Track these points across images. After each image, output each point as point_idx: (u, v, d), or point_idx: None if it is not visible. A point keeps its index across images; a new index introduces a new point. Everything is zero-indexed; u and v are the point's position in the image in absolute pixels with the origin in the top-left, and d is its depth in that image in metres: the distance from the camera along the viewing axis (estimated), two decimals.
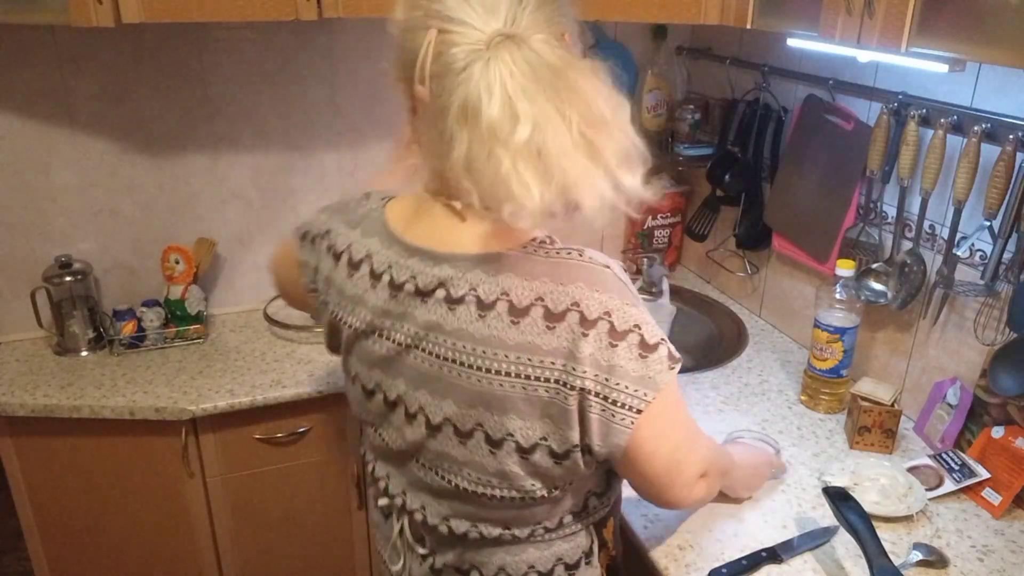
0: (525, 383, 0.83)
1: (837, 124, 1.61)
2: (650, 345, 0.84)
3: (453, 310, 0.85)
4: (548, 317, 0.82)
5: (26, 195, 1.80)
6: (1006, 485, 1.26)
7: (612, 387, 0.82)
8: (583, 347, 0.81)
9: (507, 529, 0.95)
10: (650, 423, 0.85)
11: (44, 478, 1.69)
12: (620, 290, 0.84)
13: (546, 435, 0.85)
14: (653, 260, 2.07)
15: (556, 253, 0.86)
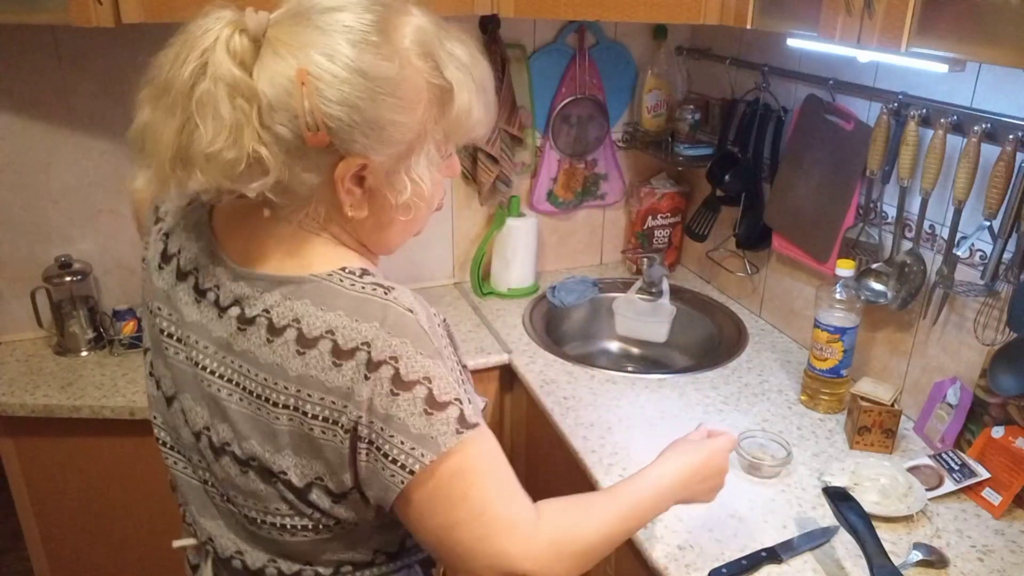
0: (302, 419, 0.77)
1: (837, 124, 1.61)
2: (438, 403, 0.76)
3: (243, 331, 0.80)
4: (336, 353, 0.75)
5: (26, 195, 1.80)
6: (1006, 485, 1.26)
7: (386, 439, 0.75)
8: (362, 390, 0.74)
9: (309, 565, 0.87)
10: (423, 488, 0.77)
11: (44, 478, 1.69)
12: (417, 337, 0.76)
13: (321, 475, 0.80)
14: (653, 260, 2.07)
15: (363, 288, 0.79)
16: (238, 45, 0.73)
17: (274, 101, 0.72)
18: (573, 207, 2.23)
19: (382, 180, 0.79)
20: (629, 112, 2.20)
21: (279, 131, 0.73)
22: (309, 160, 0.75)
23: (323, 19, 0.74)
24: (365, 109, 0.74)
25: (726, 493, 1.30)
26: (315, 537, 0.85)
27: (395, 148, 0.78)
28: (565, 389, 1.63)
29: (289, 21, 0.75)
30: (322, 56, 0.72)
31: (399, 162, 0.79)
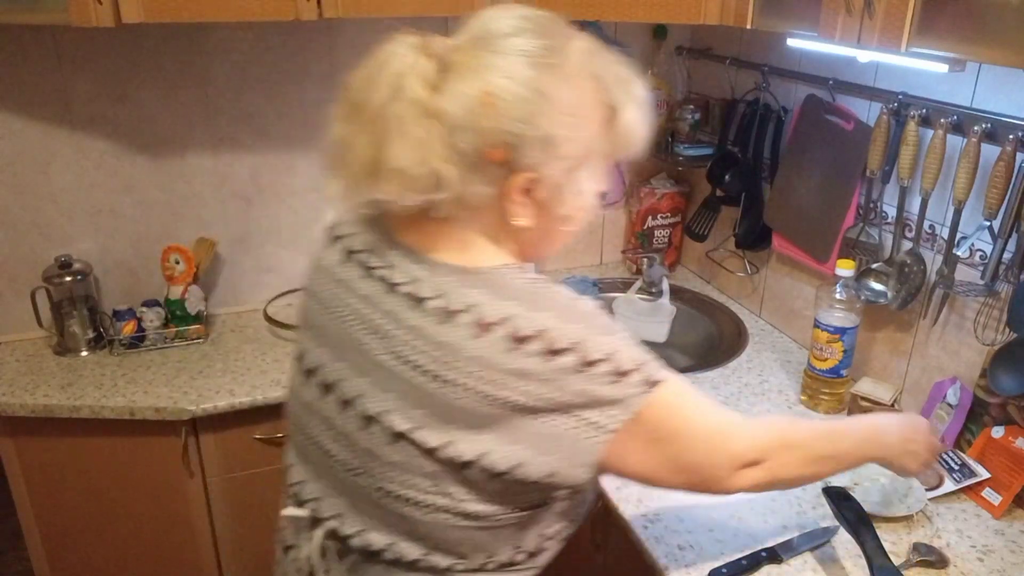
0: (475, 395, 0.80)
1: (837, 124, 1.61)
2: (621, 372, 0.82)
3: (415, 308, 0.83)
4: (513, 339, 0.79)
5: (26, 195, 1.80)
6: (1006, 485, 1.26)
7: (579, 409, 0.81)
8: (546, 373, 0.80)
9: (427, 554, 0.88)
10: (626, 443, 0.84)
11: (44, 478, 1.69)
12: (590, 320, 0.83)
13: (488, 451, 0.82)
14: (653, 260, 2.07)
15: (531, 281, 0.85)
16: (427, 70, 0.80)
17: (459, 120, 0.79)
18: None
19: (550, 193, 0.85)
20: None
21: (461, 148, 0.79)
22: (485, 174, 0.81)
23: (502, 44, 0.81)
24: (541, 126, 0.80)
25: None
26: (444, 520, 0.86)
27: (565, 163, 0.83)
28: None
29: (470, 46, 0.82)
30: (504, 78, 0.79)
31: (567, 176, 0.84)
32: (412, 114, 0.79)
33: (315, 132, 1.96)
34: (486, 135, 0.79)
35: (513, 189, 0.83)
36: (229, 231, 1.99)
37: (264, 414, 1.69)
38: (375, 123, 0.80)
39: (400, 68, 0.80)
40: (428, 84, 0.79)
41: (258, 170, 1.96)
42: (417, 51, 0.81)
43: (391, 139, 0.79)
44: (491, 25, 0.84)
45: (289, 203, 2.01)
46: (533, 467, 0.83)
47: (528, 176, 0.82)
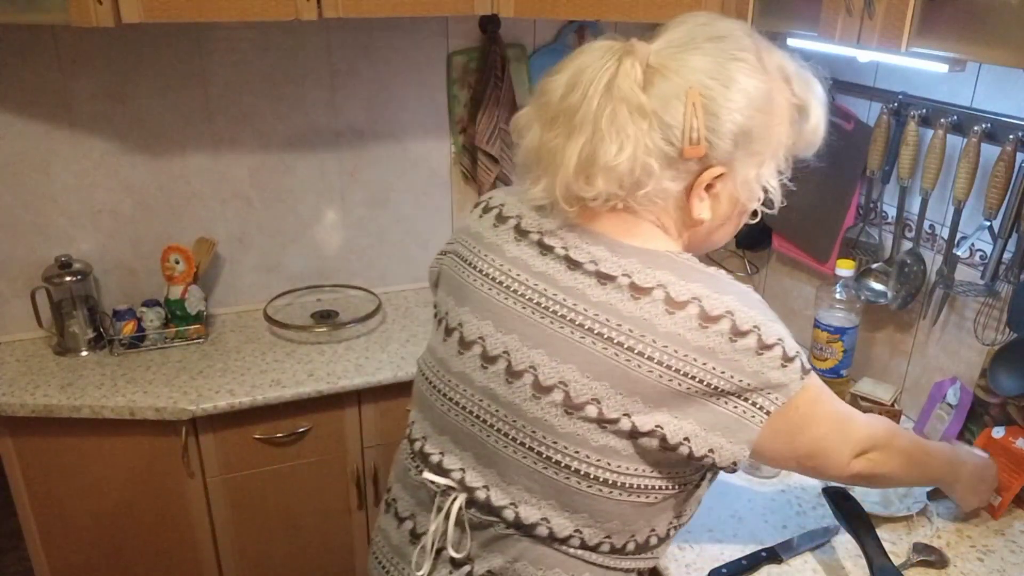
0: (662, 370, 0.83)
1: (837, 124, 1.61)
2: (788, 357, 0.86)
3: (603, 285, 0.86)
4: (703, 317, 0.84)
5: (26, 195, 1.80)
6: (1006, 486, 1.26)
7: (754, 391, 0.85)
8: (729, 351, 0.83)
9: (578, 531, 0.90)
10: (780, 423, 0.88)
11: (44, 478, 1.69)
12: (763, 308, 0.88)
13: (662, 423, 0.85)
14: None
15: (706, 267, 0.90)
16: (636, 72, 0.84)
17: (667, 119, 0.83)
18: None
19: (735, 188, 0.89)
20: None
21: (661, 144, 0.83)
22: (677, 170, 0.86)
23: (707, 46, 0.86)
24: (742, 123, 0.84)
25: (726, 493, 1.31)
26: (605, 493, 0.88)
27: (756, 159, 0.88)
28: None
29: (673, 49, 0.86)
30: (708, 78, 0.83)
31: (756, 171, 0.89)
32: (625, 113, 0.82)
33: (315, 132, 1.96)
34: (690, 133, 0.83)
35: (702, 183, 0.87)
36: (229, 231, 1.99)
37: (264, 414, 1.69)
38: (587, 125, 0.83)
39: (609, 70, 0.84)
40: (636, 83, 0.83)
41: (258, 170, 1.96)
42: (621, 55, 0.84)
43: (606, 138, 0.82)
44: (692, 30, 0.89)
45: (289, 203, 2.01)
46: (697, 442, 0.85)
47: (717, 171, 0.86)
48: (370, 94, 1.97)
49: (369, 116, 1.99)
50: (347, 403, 1.76)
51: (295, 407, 1.71)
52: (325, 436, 1.77)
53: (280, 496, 1.80)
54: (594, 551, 0.91)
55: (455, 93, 2.04)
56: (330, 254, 2.10)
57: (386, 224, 2.11)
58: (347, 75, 1.93)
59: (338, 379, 1.71)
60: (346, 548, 1.92)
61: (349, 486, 1.84)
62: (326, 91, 1.93)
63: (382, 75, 1.97)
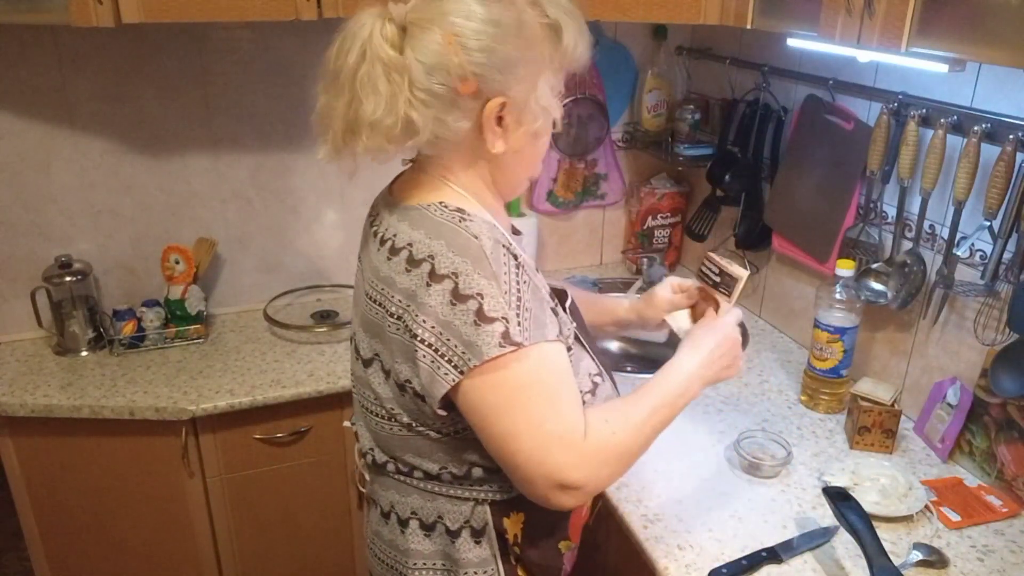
0: (380, 311, 0.97)
1: (837, 124, 1.61)
2: (487, 317, 0.88)
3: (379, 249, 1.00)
4: (408, 260, 0.93)
5: (26, 195, 1.80)
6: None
7: (443, 341, 0.90)
8: (424, 296, 0.90)
9: (391, 460, 1.07)
10: (475, 391, 0.90)
11: (44, 478, 1.69)
12: (477, 259, 0.90)
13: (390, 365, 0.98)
14: (653, 260, 2.07)
15: (440, 215, 0.95)
16: (389, 32, 0.91)
17: (430, 66, 0.89)
18: (573, 207, 2.23)
19: (519, 113, 0.96)
20: (629, 112, 2.20)
21: (436, 90, 0.90)
22: (460, 109, 0.92)
23: None
24: (499, 51, 0.91)
25: (726, 493, 1.31)
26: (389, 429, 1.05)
27: (526, 83, 0.94)
28: None
29: (425, 2, 0.92)
30: (459, 18, 0.89)
31: (529, 94, 0.95)
32: (379, 72, 0.90)
33: (314, 132, 1.96)
34: (455, 71, 0.89)
35: (487, 118, 0.94)
36: (229, 231, 1.99)
37: (264, 414, 1.69)
38: (350, 86, 0.92)
39: (365, 34, 0.91)
40: (392, 44, 0.90)
41: (258, 170, 1.96)
42: (379, 18, 0.91)
43: (364, 97, 0.91)
44: None
45: (289, 203, 2.01)
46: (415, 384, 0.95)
47: (498, 101, 0.93)
48: None
49: None
50: (347, 403, 1.76)
51: (295, 407, 1.71)
52: (325, 436, 1.77)
53: (280, 496, 1.80)
54: (436, 481, 1.05)
55: None
56: (330, 254, 2.10)
57: None
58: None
59: (338, 379, 1.71)
60: (346, 548, 1.92)
61: (349, 486, 1.84)
62: None
63: None
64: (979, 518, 1.24)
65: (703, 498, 1.29)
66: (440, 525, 1.06)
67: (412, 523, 1.07)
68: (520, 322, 0.90)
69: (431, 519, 1.06)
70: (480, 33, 0.90)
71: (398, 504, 1.08)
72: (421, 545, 1.07)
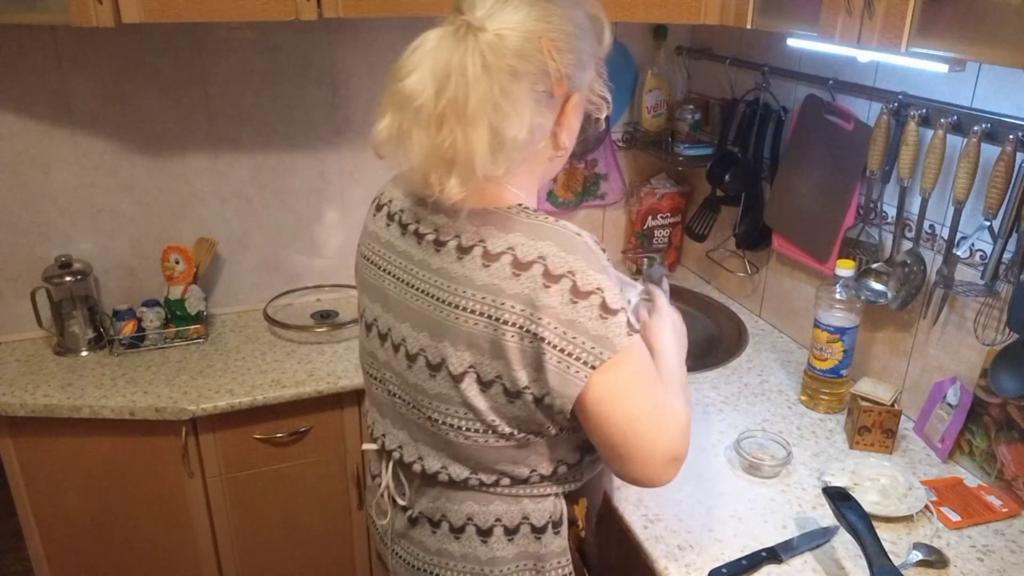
0: (488, 322, 0.92)
1: (837, 124, 1.61)
2: (611, 309, 0.90)
3: (438, 252, 0.97)
4: (515, 264, 0.91)
5: (26, 195, 1.80)
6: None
7: (570, 340, 0.90)
8: (544, 298, 0.89)
9: (474, 473, 1.03)
10: (605, 383, 0.91)
11: (44, 478, 1.69)
12: (587, 255, 0.92)
13: (500, 374, 0.94)
14: (653, 260, 2.07)
15: (533, 217, 0.95)
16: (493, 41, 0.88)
17: (535, 73, 0.90)
18: (573, 207, 2.23)
19: (581, 105, 0.99)
20: (629, 112, 2.20)
21: (541, 97, 0.92)
22: (552, 110, 0.95)
23: None
24: (580, 50, 0.94)
25: (726, 493, 1.31)
26: (483, 442, 0.99)
27: (589, 74, 0.99)
28: None
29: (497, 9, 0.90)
30: (543, 22, 0.90)
31: (591, 84, 1.00)
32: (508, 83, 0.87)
33: (315, 132, 1.96)
34: (553, 75, 0.91)
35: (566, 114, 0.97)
36: (229, 231, 1.99)
37: (264, 414, 1.69)
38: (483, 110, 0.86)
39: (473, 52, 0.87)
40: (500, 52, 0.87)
41: (258, 170, 1.96)
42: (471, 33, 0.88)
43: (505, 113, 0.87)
44: None
45: (289, 203, 2.01)
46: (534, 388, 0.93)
47: (576, 97, 0.97)
48: (370, 94, 1.97)
49: (369, 116, 1.98)
50: (347, 403, 1.76)
51: (295, 407, 1.71)
52: (325, 436, 1.77)
53: (280, 496, 1.80)
54: (524, 484, 1.04)
55: None
56: (330, 254, 2.10)
57: None
58: (347, 75, 1.93)
59: (338, 379, 1.71)
60: (346, 548, 1.92)
61: (349, 486, 1.84)
62: (326, 91, 1.93)
63: (382, 75, 1.95)
64: (979, 518, 1.24)
65: (703, 498, 1.29)
66: (525, 526, 1.06)
67: (496, 531, 1.05)
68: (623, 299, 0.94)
69: (515, 522, 1.05)
70: (567, 35, 0.92)
71: (478, 515, 1.05)
72: (505, 551, 1.06)
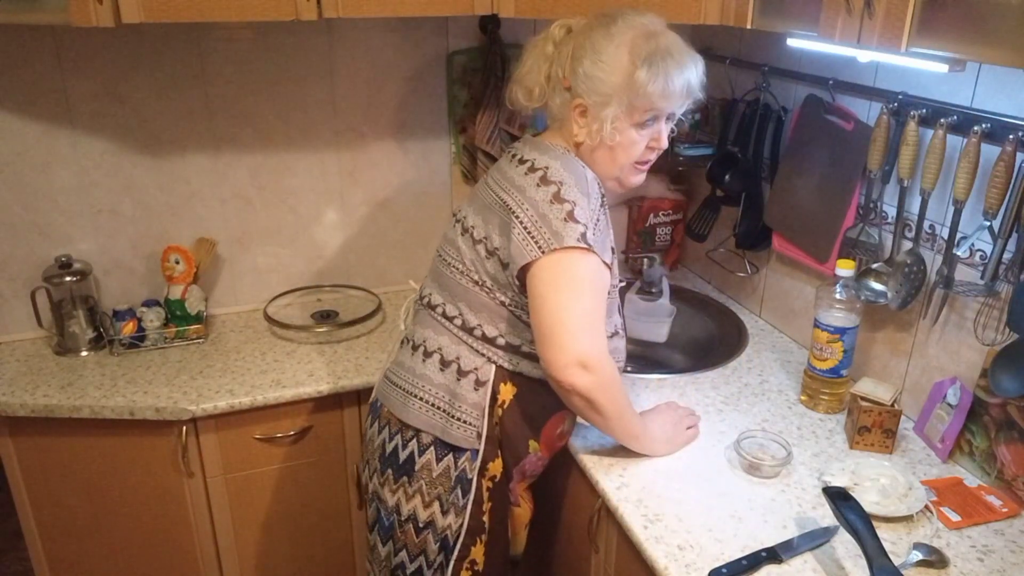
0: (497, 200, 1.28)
1: (837, 124, 1.61)
2: (575, 218, 1.19)
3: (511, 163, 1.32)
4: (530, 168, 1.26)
5: (26, 195, 1.80)
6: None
7: (535, 225, 1.20)
8: (533, 192, 1.22)
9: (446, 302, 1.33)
10: (548, 266, 1.18)
11: (44, 478, 1.69)
12: (580, 181, 1.23)
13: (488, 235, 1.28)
14: (653, 260, 2.07)
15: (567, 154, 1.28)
16: (558, 34, 1.32)
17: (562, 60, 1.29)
18: None
19: (593, 119, 1.26)
20: None
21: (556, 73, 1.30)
22: (562, 96, 1.30)
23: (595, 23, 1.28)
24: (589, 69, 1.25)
25: (726, 493, 1.31)
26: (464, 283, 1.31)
27: (601, 98, 1.25)
28: None
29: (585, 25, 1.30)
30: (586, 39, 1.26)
31: (601, 108, 1.25)
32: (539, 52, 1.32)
33: (315, 132, 1.96)
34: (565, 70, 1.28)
35: (573, 109, 1.28)
36: (229, 231, 1.99)
37: (264, 414, 1.69)
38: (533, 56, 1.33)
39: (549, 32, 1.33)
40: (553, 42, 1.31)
41: (258, 170, 1.96)
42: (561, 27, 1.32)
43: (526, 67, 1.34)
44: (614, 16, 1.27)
45: (289, 203, 2.01)
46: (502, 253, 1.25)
47: (579, 101, 1.26)
48: (370, 94, 1.97)
49: (369, 116, 1.99)
50: (347, 403, 1.76)
51: (295, 407, 1.71)
52: (325, 436, 1.77)
53: (280, 496, 1.80)
54: (469, 333, 1.31)
55: (455, 93, 2.04)
56: (330, 254, 2.10)
57: (386, 224, 2.11)
58: (347, 75, 1.93)
59: (338, 379, 1.71)
60: (346, 548, 1.92)
61: (349, 486, 1.84)
62: (326, 91, 1.93)
63: (382, 75, 1.97)
64: (979, 518, 1.24)
65: (703, 498, 1.29)
66: (455, 364, 1.31)
67: (434, 356, 1.33)
68: (594, 233, 1.21)
69: (451, 358, 1.31)
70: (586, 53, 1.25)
71: (429, 340, 1.34)
72: (435, 376, 1.32)
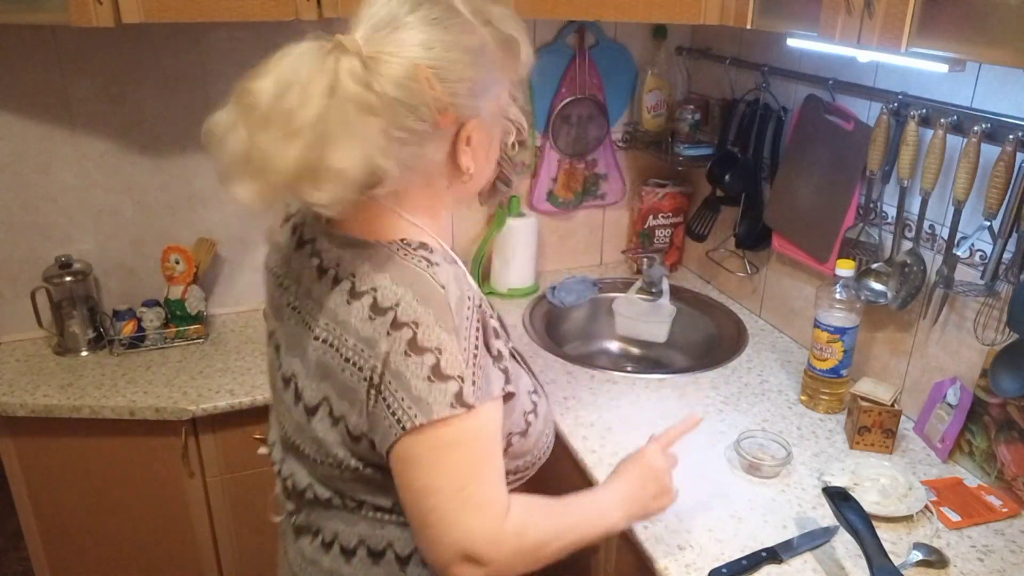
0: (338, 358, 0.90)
1: (837, 124, 1.61)
2: (443, 374, 0.84)
3: (320, 280, 0.95)
4: (373, 308, 0.87)
5: (26, 195, 1.80)
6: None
7: (392, 393, 0.85)
8: (383, 344, 0.85)
9: (338, 495, 1.00)
10: (408, 445, 0.85)
11: (44, 478, 1.69)
12: (441, 311, 0.85)
13: (345, 413, 0.91)
14: (653, 260, 2.07)
15: (409, 258, 0.90)
16: (357, 69, 0.81)
17: (409, 104, 0.83)
18: (573, 207, 2.23)
19: (488, 130, 0.95)
20: (629, 112, 2.20)
21: (416, 127, 0.85)
22: (437, 140, 0.89)
23: (410, 19, 0.85)
24: (472, 77, 0.87)
25: (726, 493, 1.31)
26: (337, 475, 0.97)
27: (495, 100, 0.94)
28: (565, 389, 1.63)
29: (382, 33, 0.85)
30: (426, 49, 0.84)
31: (498, 110, 0.96)
32: (352, 114, 0.80)
33: None
34: (434, 105, 0.85)
35: (462, 141, 0.91)
36: (229, 231, 1.99)
37: (264, 414, 1.68)
38: (309, 129, 0.79)
39: (329, 71, 0.80)
40: (360, 81, 0.81)
41: None
42: (333, 51, 0.82)
43: (333, 142, 0.79)
44: (391, 7, 0.86)
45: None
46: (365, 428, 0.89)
47: (473, 123, 0.91)
48: None
49: None
50: None
51: None
52: None
53: None
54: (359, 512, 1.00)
55: None
56: None
57: None
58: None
59: None
60: None
61: None
62: None
63: None
64: (979, 518, 1.24)
65: (703, 498, 1.29)
66: (390, 552, 1.00)
67: (360, 551, 1.00)
68: (474, 381, 0.86)
69: (380, 546, 1.00)
70: (453, 62, 0.85)
71: (343, 534, 1.01)
72: (368, 573, 1.01)
